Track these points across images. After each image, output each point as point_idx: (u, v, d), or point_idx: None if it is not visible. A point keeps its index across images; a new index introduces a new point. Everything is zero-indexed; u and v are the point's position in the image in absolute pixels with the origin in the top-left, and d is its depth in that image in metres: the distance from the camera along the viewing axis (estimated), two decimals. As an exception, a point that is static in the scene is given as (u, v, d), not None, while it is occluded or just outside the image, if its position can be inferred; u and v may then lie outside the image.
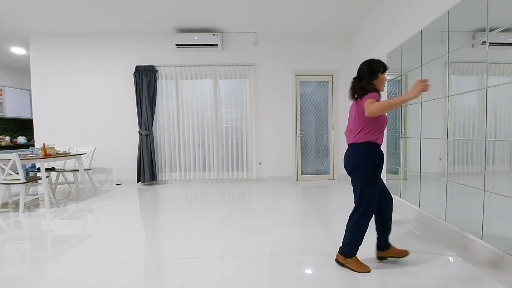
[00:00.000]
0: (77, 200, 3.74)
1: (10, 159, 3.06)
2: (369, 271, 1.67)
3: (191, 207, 3.30)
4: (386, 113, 1.70)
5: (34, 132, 4.80)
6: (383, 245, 1.79)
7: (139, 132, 4.67)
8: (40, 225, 2.72)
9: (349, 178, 1.77)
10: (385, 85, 1.77)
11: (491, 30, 1.74)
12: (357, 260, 1.71)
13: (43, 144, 3.53)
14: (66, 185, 4.72)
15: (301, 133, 4.94)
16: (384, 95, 3.32)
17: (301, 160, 4.96)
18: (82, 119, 4.79)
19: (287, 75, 4.81)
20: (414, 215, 2.66)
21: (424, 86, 1.46)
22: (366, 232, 1.68)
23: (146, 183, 4.74)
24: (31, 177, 3.66)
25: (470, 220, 1.97)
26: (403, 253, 1.80)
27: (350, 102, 2.27)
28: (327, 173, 4.99)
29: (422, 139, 2.56)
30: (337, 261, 1.76)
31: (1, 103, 5.93)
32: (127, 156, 4.82)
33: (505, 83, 1.68)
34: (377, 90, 1.69)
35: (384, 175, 3.41)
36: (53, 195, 3.71)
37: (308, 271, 1.73)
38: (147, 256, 1.97)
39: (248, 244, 2.14)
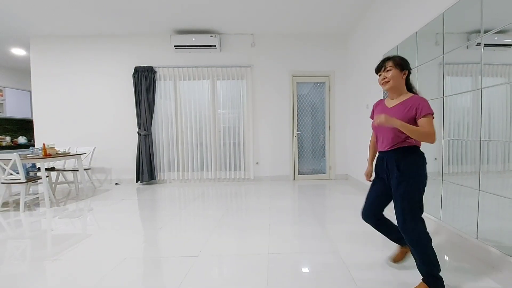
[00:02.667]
0: (77, 200, 3.77)
1: (11, 159, 3.09)
2: None
3: (189, 206, 3.33)
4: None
5: (34, 132, 4.83)
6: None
7: (138, 132, 4.70)
8: (40, 224, 2.74)
9: (346, 178, 1.81)
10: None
11: (485, 31, 1.76)
12: None
13: (43, 144, 3.55)
14: (66, 184, 4.74)
15: (298, 134, 4.97)
16: (380, 95, 3.35)
17: (298, 160, 4.99)
18: (82, 119, 4.82)
19: (284, 76, 4.84)
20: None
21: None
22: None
23: (144, 182, 4.78)
24: (31, 176, 3.69)
25: (464, 219, 1.99)
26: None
27: (346, 103, 2.32)
28: (324, 173, 5.02)
29: (417, 139, 2.58)
30: None
31: (2, 103, 5.98)
32: (126, 156, 4.85)
33: (499, 84, 1.70)
34: None
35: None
36: (53, 194, 3.74)
37: (305, 270, 1.75)
38: (145, 255, 1.99)
39: (246, 243, 2.16)
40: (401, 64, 1.49)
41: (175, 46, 4.50)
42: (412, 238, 1.40)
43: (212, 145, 4.85)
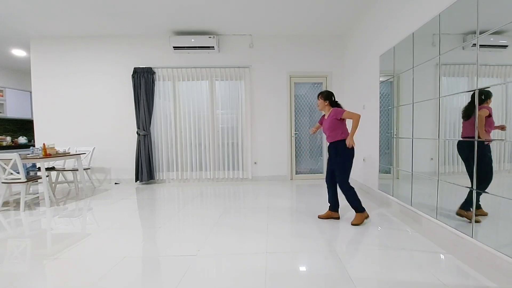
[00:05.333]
0: (77, 199, 3.80)
1: (11, 159, 3.12)
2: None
3: (188, 206, 3.35)
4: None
5: (34, 132, 4.86)
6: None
7: (137, 133, 4.73)
8: (40, 223, 2.77)
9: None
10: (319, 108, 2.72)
11: (481, 32, 1.77)
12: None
13: (43, 144, 3.58)
14: (66, 184, 4.78)
15: (295, 134, 5.00)
16: (377, 96, 3.38)
17: (295, 159, 5.02)
18: (82, 119, 4.85)
19: (282, 76, 4.87)
20: (406, 213, 2.71)
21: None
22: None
23: (144, 182, 4.80)
24: (31, 176, 3.71)
25: (460, 218, 2.01)
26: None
27: (342, 104, 2.56)
28: (321, 173, 5.05)
29: (414, 139, 2.61)
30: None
31: (2, 104, 6.00)
32: (126, 156, 4.88)
33: (495, 84, 1.72)
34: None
35: (376, 174, 3.46)
36: (53, 194, 3.77)
37: (303, 268, 1.76)
38: (144, 254, 2.00)
39: (244, 242, 2.18)
40: (326, 96, 2.64)
41: (174, 47, 4.53)
42: (342, 190, 2.60)
43: (210, 145, 4.88)
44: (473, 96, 1.87)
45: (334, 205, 2.73)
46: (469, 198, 1.91)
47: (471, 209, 1.88)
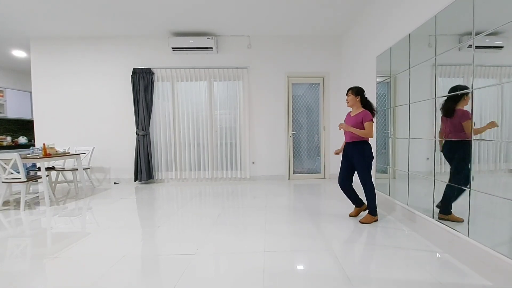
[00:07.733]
0: (76, 198, 3.82)
1: (12, 159, 3.14)
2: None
3: (187, 205, 3.37)
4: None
5: (34, 132, 4.88)
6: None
7: (136, 133, 4.75)
8: (40, 223, 2.78)
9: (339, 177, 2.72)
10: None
11: (477, 34, 1.79)
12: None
13: (43, 144, 3.60)
14: (66, 183, 4.81)
15: (293, 134, 5.02)
16: (374, 97, 3.40)
17: (293, 159, 5.05)
18: (81, 119, 4.87)
19: (280, 77, 4.89)
20: (402, 213, 2.73)
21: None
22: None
23: (143, 182, 4.83)
24: (31, 176, 3.73)
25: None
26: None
27: (340, 103, 2.54)
28: (319, 172, 5.08)
29: (410, 139, 2.63)
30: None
31: (3, 104, 6.03)
32: (125, 156, 4.91)
33: (490, 85, 1.74)
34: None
35: (373, 174, 3.48)
36: (53, 193, 3.79)
37: (300, 267, 1.77)
38: (143, 253, 2.01)
39: (242, 241, 2.19)
40: (356, 91, 2.56)
41: (172, 48, 4.55)
42: (366, 188, 2.53)
43: (209, 145, 4.90)
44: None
45: (357, 201, 2.72)
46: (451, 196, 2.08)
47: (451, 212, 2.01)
